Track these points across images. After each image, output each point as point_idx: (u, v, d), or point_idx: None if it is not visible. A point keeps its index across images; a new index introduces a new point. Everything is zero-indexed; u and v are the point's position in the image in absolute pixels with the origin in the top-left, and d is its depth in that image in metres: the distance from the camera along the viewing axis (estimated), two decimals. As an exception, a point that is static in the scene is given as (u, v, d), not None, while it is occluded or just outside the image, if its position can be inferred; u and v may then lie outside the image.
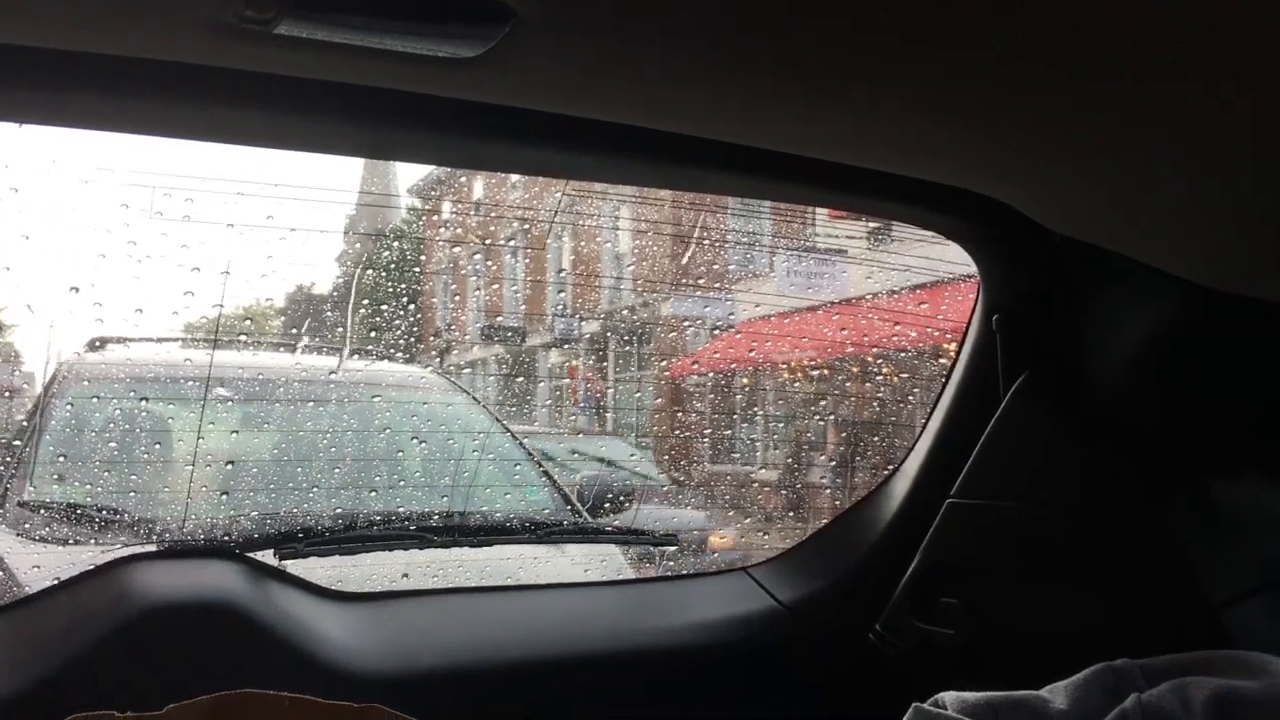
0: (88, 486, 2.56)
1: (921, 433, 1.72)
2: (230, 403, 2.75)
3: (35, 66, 0.99)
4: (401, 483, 2.80)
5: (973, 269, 1.60)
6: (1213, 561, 1.37)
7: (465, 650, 1.61)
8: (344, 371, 3.02)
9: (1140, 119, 0.99)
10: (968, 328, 1.64)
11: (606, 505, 3.30)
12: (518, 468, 3.25)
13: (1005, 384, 1.51)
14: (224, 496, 2.42)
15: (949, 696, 1.15)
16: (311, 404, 2.89)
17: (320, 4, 0.85)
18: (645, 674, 1.68)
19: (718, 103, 1.09)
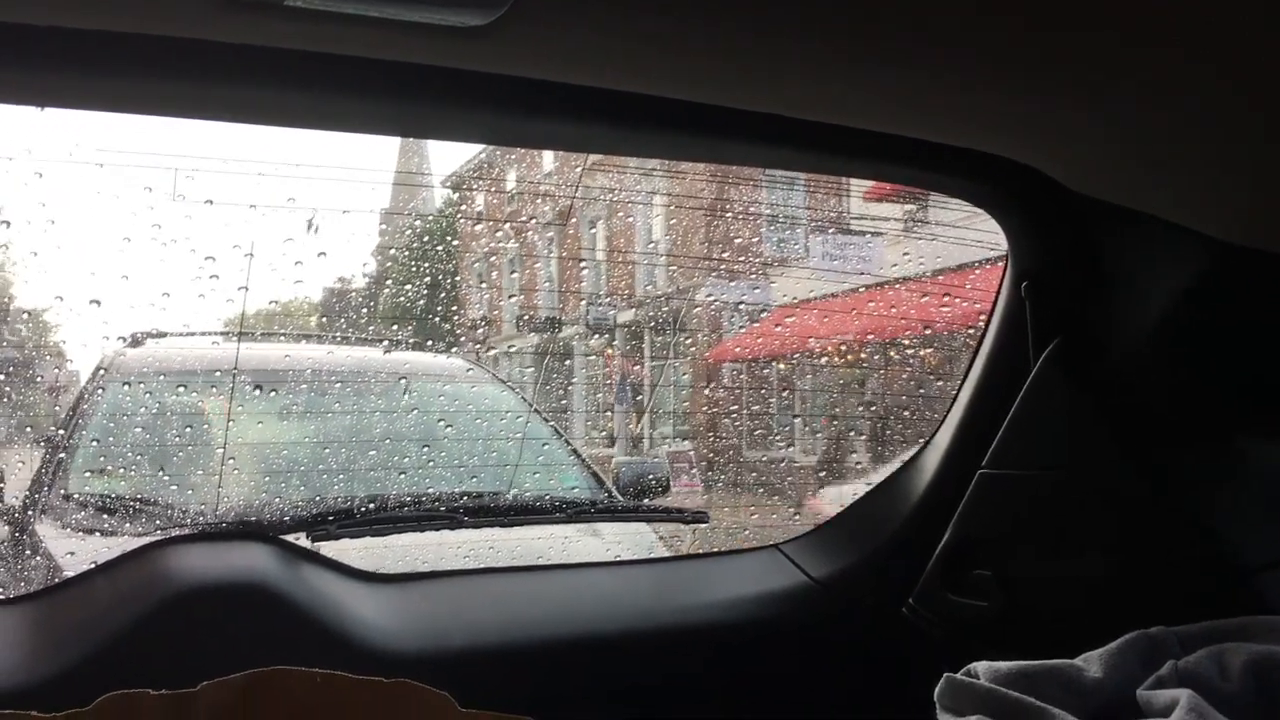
0: (127, 478, 2.60)
1: (952, 404, 1.71)
2: (264, 392, 2.78)
3: (45, 46, 1.00)
4: (432, 464, 2.81)
5: (1002, 239, 1.58)
6: (1249, 527, 1.35)
7: (497, 630, 1.61)
8: (377, 361, 3.04)
9: (1164, 78, 0.97)
10: (997, 296, 1.62)
11: (640, 487, 3.31)
12: (545, 447, 3.26)
13: (1035, 351, 1.50)
14: (257, 481, 2.44)
15: (981, 666, 1.14)
16: (341, 386, 2.91)
17: None
18: (678, 651, 1.68)
19: (737, 69, 1.08)
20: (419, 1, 0.90)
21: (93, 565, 1.55)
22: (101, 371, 3.01)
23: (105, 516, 2.40)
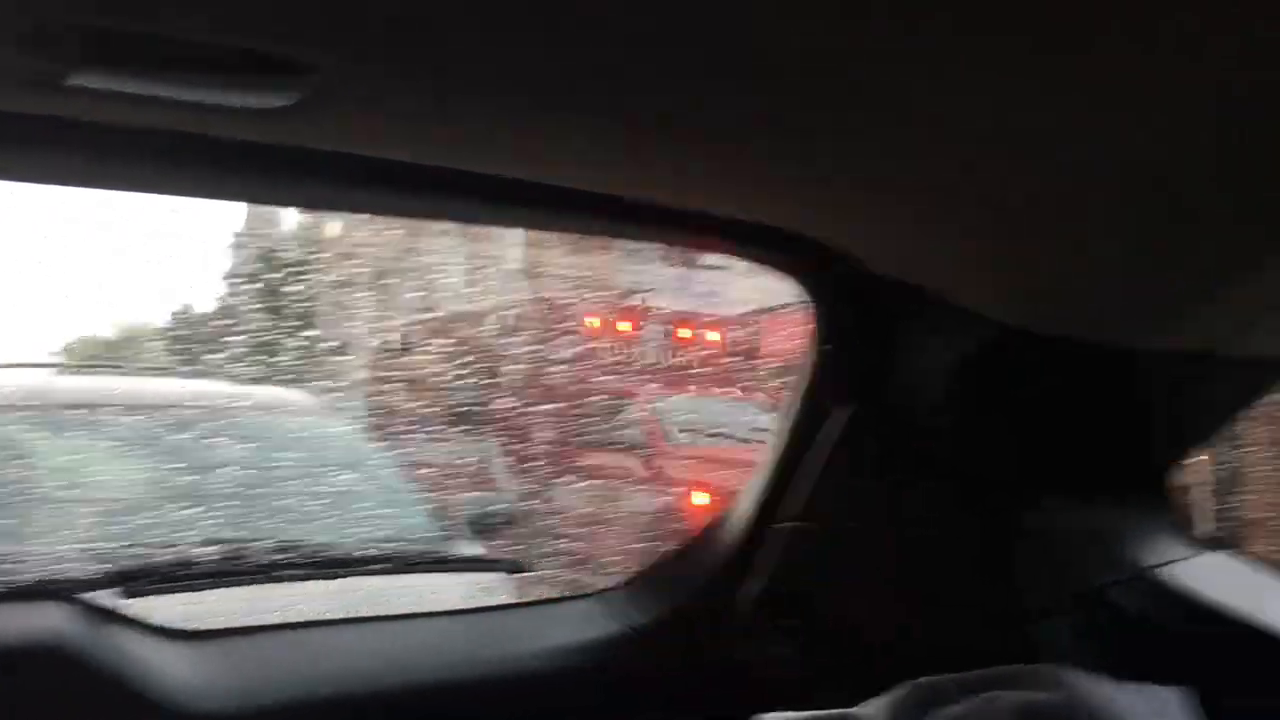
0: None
1: (765, 457, 1.77)
2: (73, 431, 2.66)
3: None
4: (254, 513, 2.74)
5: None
6: (1026, 579, 1.45)
7: (314, 684, 1.59)
8: (196, 395, 2.96)
9: (953, 170, 1.05)
10: (805, 356, 1.69)
11: (485, 528, 3.28)
12: (378, 487, 3.22)
13: (835, 412, 1.58)
14: (61, 535, 2.33)
15: (769, 718, 1.20)
16: (156, 427, 2.81)
17: (113, 57, 0.83)
18: (499, 702, 1.68)
19: (535, 143, 1.12)
20: (213, 85, 0.89)
21: None
22: None
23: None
